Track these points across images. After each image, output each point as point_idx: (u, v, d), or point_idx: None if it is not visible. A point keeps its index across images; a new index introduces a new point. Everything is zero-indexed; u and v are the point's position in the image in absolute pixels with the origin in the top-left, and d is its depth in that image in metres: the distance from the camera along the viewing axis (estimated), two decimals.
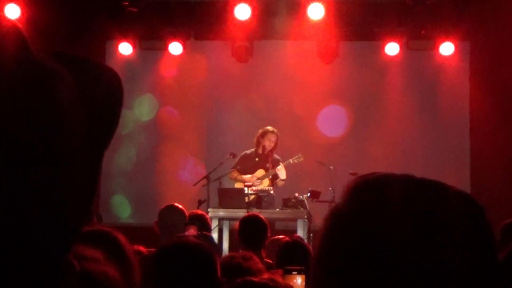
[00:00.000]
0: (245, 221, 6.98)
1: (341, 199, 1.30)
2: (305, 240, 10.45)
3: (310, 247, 6.44)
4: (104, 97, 1.22)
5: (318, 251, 1.30)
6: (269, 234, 6.86)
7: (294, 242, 6.28)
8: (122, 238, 2.85)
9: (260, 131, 11.80)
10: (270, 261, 6.46)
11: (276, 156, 11.77)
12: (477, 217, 1.26)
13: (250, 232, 6.80)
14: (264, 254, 6.73)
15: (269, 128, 11.79)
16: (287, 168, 11.67)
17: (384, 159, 13.49)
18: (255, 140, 11.77)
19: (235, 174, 11.67)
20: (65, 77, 1.16)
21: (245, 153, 11.83)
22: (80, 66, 1.24)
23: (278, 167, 11.41)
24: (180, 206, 7.42)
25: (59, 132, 1.11)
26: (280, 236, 7.34)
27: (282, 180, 11.48)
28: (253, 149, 11.81)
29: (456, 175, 13.27)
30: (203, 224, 7.67)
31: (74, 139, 1.14)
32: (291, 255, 5.92)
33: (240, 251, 5.54)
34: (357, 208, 1.25)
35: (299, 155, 11.92)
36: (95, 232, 2.85)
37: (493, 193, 12.02)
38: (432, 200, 1.26)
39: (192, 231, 7.32)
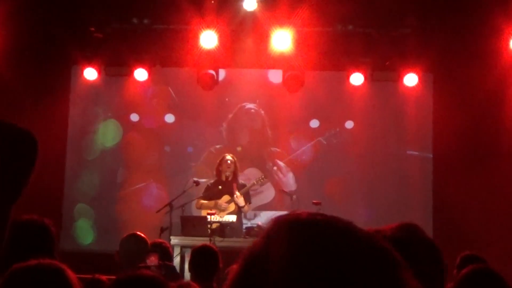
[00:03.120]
0: (196, 252, 6.91)
1: (257, 239, 1.30)
2: None
3: None
4: (15, 156, 1.24)
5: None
6: (221, 265, 6.78)
7: None
8: (69, 273, 2.83)
9: (218, 160, 11.87)
10: None
11: (242, 181, 11.84)
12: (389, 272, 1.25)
13: (200, 263, 6.74)
14: (215, 285, 6.68)
15: (225, 155, 11.91)
16: (252, 194, 11.75)
17: (346, 189, 13.56)
18: (215, 171, 11.82)
19: (200, 202, 11.65)
20: None
21: (208, 184, 11.86)
22: None
23: (235, 195, 11.45)
24: (142, 234, 7.37)
25: None
26: (235, 266, 7.30)
27: (242, 207, 11.52)
28: (214, 179, 11.83)
29: (418, 205, 13.37)
30: (164, 253, 7.63)
31: None
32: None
33: (190, 282, 5.50)
34: (274, 249, 1.24)
35: (262, 176, 12.03)
36: (42, 266, 2.82)
37: (455, 222, 12.13)
38: (344, 244, 1.24)
39: (153, 259, 7.28)
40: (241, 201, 11.50)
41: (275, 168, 13.87)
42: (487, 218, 12.45)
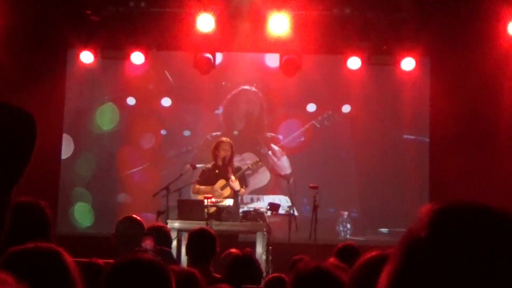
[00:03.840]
0: (193, 235, 6.91)
1: (418, 227, 1.23)
2: (264, 253, 10.50)
3: (263, 262, 6.40)
4: (14, 137, 1.23)
5: (394, 281, 1.23)
6: (218, 249, 6.79)
7: (243, 256, 6.24)
8: (66, 256, 2.83)
9: (214, 143, 11.87)
10: (219, 276, 6.42)
11: (237, 165, 11.84)
12: None
13: (197, 246, 6.74)
14: (212, 269, 6.68)
15: (222, 138, 11.93)
16: (248, 175, 11.79)
17: (343, 173, 13.57)
18: (211, 154, 11.80)
19: (197, 187, 11.64)
20: None
21: (204, 168, 11.86)
22: None
23: (231, 179, 11.44)
24: (137, 217, 7.37)
25: None
26: (232, 250, 7.32)
27: (238, 191, 11.52)
28: (211, 163, 11.81)
29: (415, 190, 13.38)
30: (163, 236, 7.61)
31: None
32: (239, 270, 5.89)
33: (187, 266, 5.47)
34: (442, 238, 1.19)
35: (257, 160, 12.04)
36: (39, 249, 2.82)
37: None
38: None
39: (148, 243, 7.26)
40: (236, 185, 11.49)
41: (269, 152, 13.86)
42: (484, 203, 12.45)
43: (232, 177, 11.48)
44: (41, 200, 4.14)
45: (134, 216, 7.44)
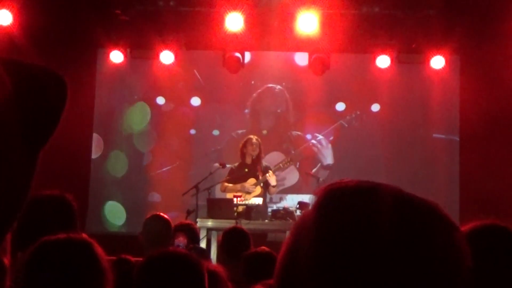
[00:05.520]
0: (227, 234, 6.97)
1: (308, 210, 1.28)
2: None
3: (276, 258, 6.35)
4: (43, 98, 1.23)
5: (284, 261, 1.27)
6: (251, 248, 6.82)
7: (260, 253, 6.23)
8: (97, 248, 2.86)
9: (242, 142, 11.84)
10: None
11: (265, 163, 11.80)
12: (448, 232, 1.24)
13: (232, 244, 6.79)
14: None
15: (250, 136, 11.87)
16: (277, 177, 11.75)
17: (374, 172, 13.51)
18: (239, 152, 11.77)
19: (225, 185, 11.63)
20: None
21: (232, 167, 11.82)
22: (19, 67, 1.27)
23: (268, 174, 11.40)
24: (165, 216, 7.39)
25: None
26: (263, 248, 7.34)
27: (273, 186, 11.48)
28: (238, 162, 11.80)
29: (445, 189, 13.30)
30: (191, 234, 7.64)
31: (1, 133, 1.15)
32: (256, 267, 5.90)
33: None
34: (324, 217, 1.23)
35: (288, 159, 12.00)
36: (72, 240, 2.85)
37: (483, 206, 12.03)
38: (398, 209, 1.24)
39: (181, 239, 7.30)
40: (273, 180, 11.44)
41: (313, 141, 13.84)
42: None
43: (270, 171, 11.44)
44: (67, 193, 4.17)
45: (161, 214, 7.47)
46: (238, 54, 13.38)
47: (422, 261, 1.18)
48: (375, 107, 13.90)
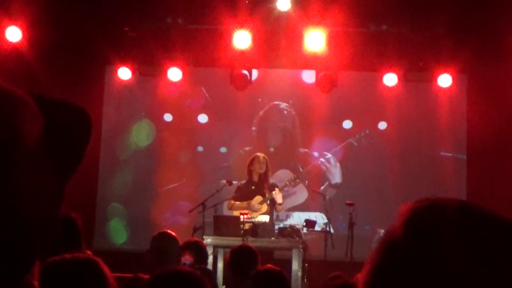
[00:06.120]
0: (236, 252, 6.98)
1: (395, 227, 1.26)
2: (300, 270, 10.46)
3: (299, 279, 6.36)
4: (71, 134, 1.29)
5: (372, 279, 1.26)
6: (259, 266, 6.82)
7: (268, 271, 6.22)
8: (103, 266, 2.88)
9: (249, 159, 11.83)
10: None
11: (272, 181, 11.78)
12: None
13: (240, 262, 6.80)
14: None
15: (257, 154, 11.85)
16: (285, 195, 11.73)
17: (381, 190, 13.49)
18: (246, 170, 11.75)
19: (232, 202, 11.61)
20: (29, 106, 1.23)
21: (239, 185, 11.81)
22: (48, 103, 1.32)
23: (274, 192, 11.38)
24: (172, 233, 7.40)
25: (10, 152, 1.15)
26: (269, 266, 7.35)
27: (280, 204, 11.45)
28: (245, 180, 11.79)
29: None
30: (199, 251, 7.64)
31: (28, 165, 1.19)
32: (265, 285, 5.89)
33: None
34: (416, 237, 1.22)
35: (295, 176, 11.96)
36: (78, 260, 2.86)
37: None
38: (493, 231, 1.25)
39: (187, 257, 7.30)
40: (279, 197, 11.41)
41: (322, 159, 13.84)
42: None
43: (277, 189, 11.43)
44: (72, 212, 4.18)
45: (169, 231, 7.47)
46: (245, 72, 13.41)
47: None
48: (382, 125, 13.90)
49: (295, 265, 10.57)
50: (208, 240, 10.63)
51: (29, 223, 1.17)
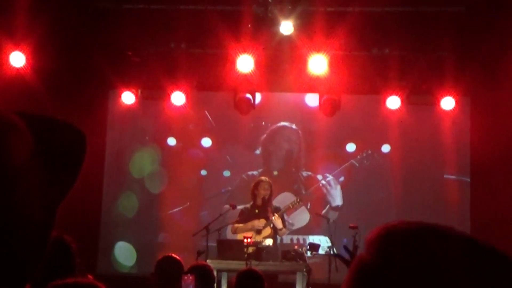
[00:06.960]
0: (242, 276, 6.98)
1: (366, 250, 1.28)
2: None
3: None
4: (63, 154, 1.28)
5: None
6: None
7: None
8: None
9: (253, 183, 11.86)
10: None
11: (275, 204, 11.79)
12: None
13: (246, 286, 6.79)
14: None
15: (261, 177, 11.92)
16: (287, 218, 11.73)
17: (384, 213, 13.47)
18: (250, 194, 11.77)
19: (235, 226, 11.61)
20: (16, 126, 1.22)
21: (243, 209, 11.82)
22: (41, 122, 1.30)
23: (273, 218, 11.39)
24: (177, 257, 7.39)
25: (5, 179, 1.15)
26: None
27: (280, 229, 11.46)
28: (249, 204, 11.79)
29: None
30: (206, 275, 7.61)
31: (22, 189, 1.18)
32: None
33: None
34: (385, 261, 1.23)
35: (297, 199, 11.96)
36: (80, 284, 2.86)
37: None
38: (466, 254, 1.26)
39: (186, 279, 7.27)
40: (278, 223, 11.43)
41: (323, 181, 13.84)
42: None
43: (276, 215, 11.43)
44: (65, 234, 4.17)
45: (174, 255, 7.46)
46: (249, 95, 13.42)
47: None
48: (386, 148, 13.90)
49: None
50: (211, 264, 10.58)
51: (17, 244, 1.17)
